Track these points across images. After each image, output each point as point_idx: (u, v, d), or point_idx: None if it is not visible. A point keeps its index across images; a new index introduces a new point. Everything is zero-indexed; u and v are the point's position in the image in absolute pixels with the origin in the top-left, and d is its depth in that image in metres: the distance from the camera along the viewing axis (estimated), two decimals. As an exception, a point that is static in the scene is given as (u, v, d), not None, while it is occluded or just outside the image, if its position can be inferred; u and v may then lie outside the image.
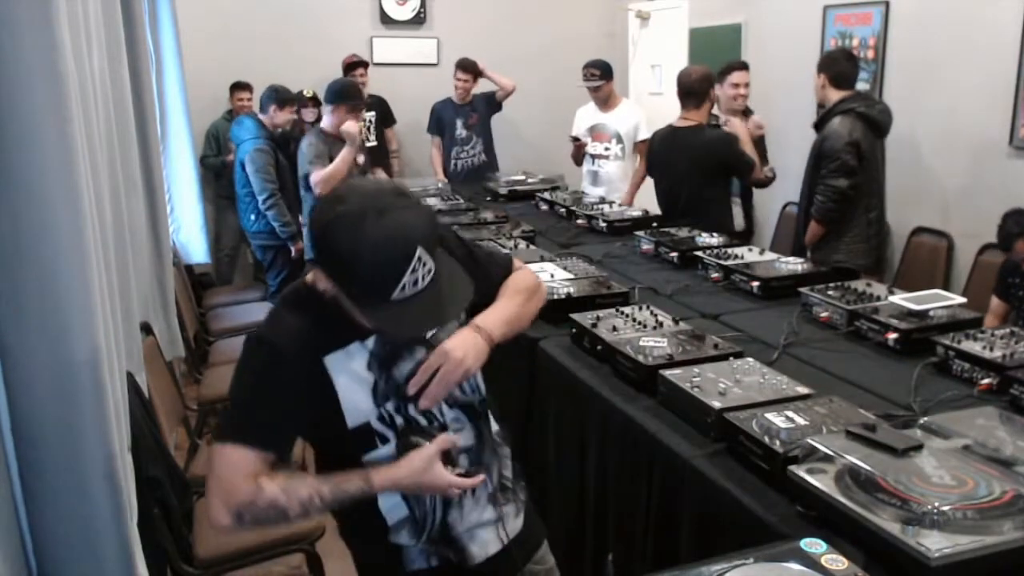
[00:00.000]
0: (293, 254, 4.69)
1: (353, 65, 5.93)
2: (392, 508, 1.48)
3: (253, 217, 4.70)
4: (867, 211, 3.71)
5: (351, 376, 1.41)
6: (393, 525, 1.49)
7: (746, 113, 4.23)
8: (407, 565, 1.51)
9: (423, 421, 1.47)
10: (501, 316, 1.52)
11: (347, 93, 4.24)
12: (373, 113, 6.08)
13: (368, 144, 5.79)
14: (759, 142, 4.10)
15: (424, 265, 1.28)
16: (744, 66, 4.21)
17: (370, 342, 1.42)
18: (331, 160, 4.05)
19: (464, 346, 1.42)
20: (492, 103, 5.70)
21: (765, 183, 4.14)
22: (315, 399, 1.39)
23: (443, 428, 1.48)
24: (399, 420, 1.45)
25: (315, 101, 5.56)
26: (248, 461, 1.35)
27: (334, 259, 1.29)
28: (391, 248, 1.25)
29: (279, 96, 4.80)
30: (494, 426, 1.61)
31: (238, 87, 5.83)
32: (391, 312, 1.29)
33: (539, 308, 1.66)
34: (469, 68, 5.58)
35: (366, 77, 5.91)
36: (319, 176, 4.01)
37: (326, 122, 4.25)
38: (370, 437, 1.44)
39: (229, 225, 5.85)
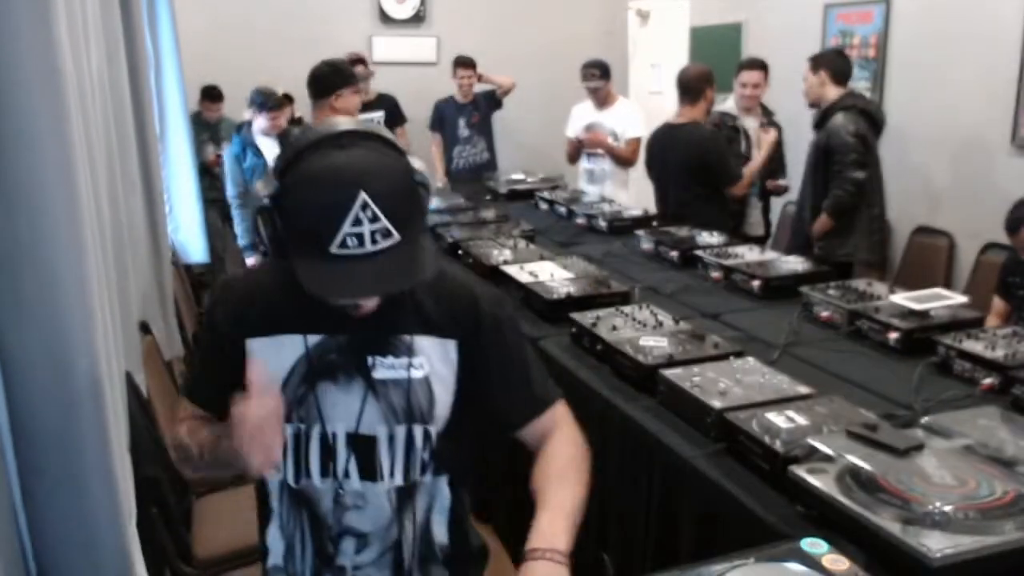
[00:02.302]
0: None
1: (352, 64, 5.86)
2: (273, 540, 1.36)
3: None
4: (870, 206, 3.75)
5: (268, 369, 1.25)
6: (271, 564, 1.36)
7: (766, 114, 4.23)
8: None
9: (316, 470, 1.29)
10: (563, 521, 1.19)
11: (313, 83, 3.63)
12: (382, 112, 6.07)
13: None
14: (776, 153, 4.10)
15: (373, 220, 1.09)
16: (753, 65, 4.19)
17: (311, 340, 1.27)
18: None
19: None
20: (493, 101, 5.69)
21: (781, 191, 4.15)
22: (234, 374, 1.24)
23: (338, 494, 1.29)
24: (290, 447, 1.28)
25: (289, 99, 5.57)
26: (189, 410, 1.35)
27: (282, 192, 1.14)
28: (331, 185, 1.09)
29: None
30: (438, 534, 1.35)
31: (209, 96, 5.68)
32: (326, 268, 1.11)
33: (588, 470, 1.32)
34: (471, 64, 5.58)
35: (367, 71, 5.77)
36: None
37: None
38: None
39: None
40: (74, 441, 1.33)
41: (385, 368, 1.27)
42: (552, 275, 2.72)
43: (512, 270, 2.79)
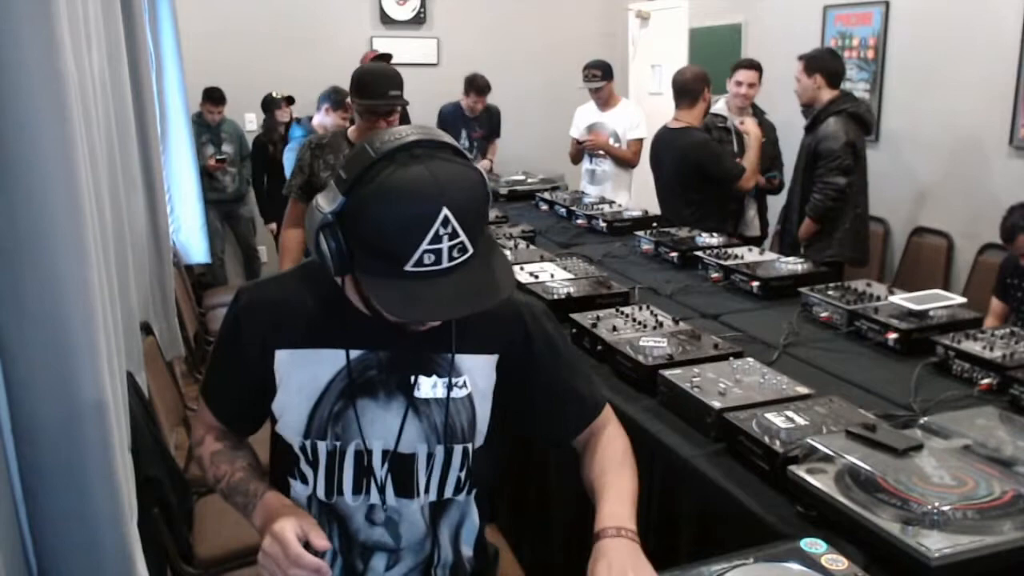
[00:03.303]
0: None
1: (377, 60, 5.77)
2: None
3: None
4: (855, 207, 3.78)
5: (299, 384, 1.22)
6: None
7: (756, 113, 4.24)
8: None
9: (349, 487, 1.24)
10: (629, 504, 1.23)
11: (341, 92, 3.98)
12: None
13: None
14: (770, 147, 4.11)
15: (453, 236, 1.03)
16: (748, 65, 4.21)
17: (355, 354, 1.22)
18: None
19: (632, 561, 1.13)
20: (495, 125, 5.69)
21: (775, 187, 4.15)
22: (257, 386, 1.24)
23: (371, 510, 1.25)
24: (323, 463, 1.23)
25: (289, 101, 5.57)
26: (206, 415, 1.33)
27: (351, 206, 1.07)
28: (412, 200, 1.02)
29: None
30: (465, 547, 1.33)
31: (211, 98, 5.66)
32: (401, 286, 1.05)
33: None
34: (485, 91, 5.47)
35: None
36: None
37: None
38: (291, 462, 1.25)
39: None
40: (75, 441, 1.34)
41: (428, 387, 1.23)
42: (552, 276, 2.73)
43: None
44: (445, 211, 1.02)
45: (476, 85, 5.48)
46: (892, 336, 2.14)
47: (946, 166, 4.29)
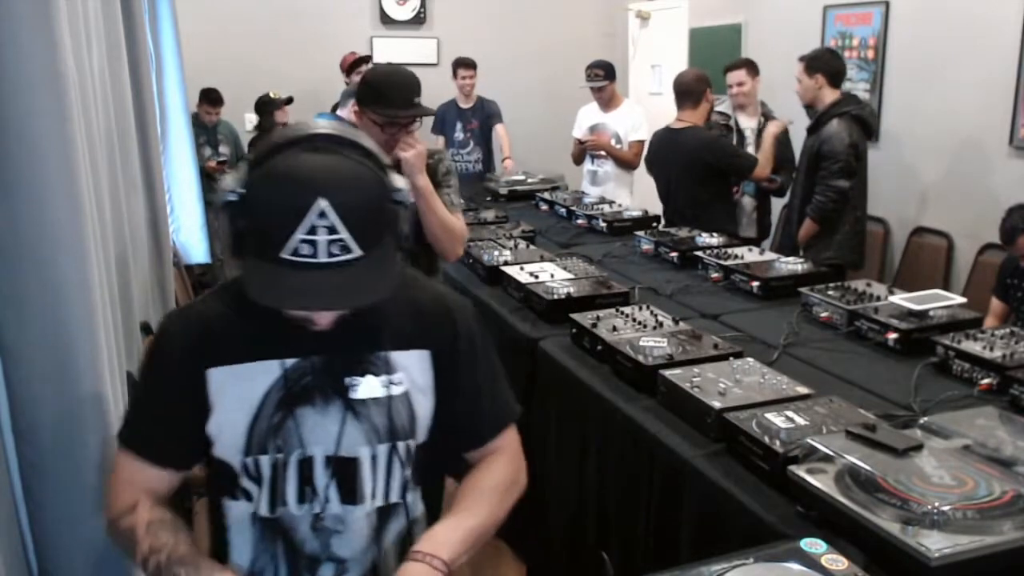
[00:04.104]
0: None
1: (357, 63, 5.75)
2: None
3: None
4: (855, 209, 3.78)
5: (235, 400, 1.19)
6: None
7: (764, 113, 4.24)
8: None
9: (293, 498, 1.21)
10: (459, 535, 1.19)
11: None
12: None
13: None
14: (781, 148, 4.12)
15: (331, 230, 1.03)
16: (735, 65, 4.23)
17: (289, 363, 1.19)
18: None
19: None
20: (492, 114, 5.70)
21: (775, 189, 4.15)
22: (191, 412, 1.19)
23: (316, 519, 1.22)
24: (267, 477, 1.20)
25: (288, 101, 5.57)
26: (131, 468, 1.21)
27: (246, 188, 1.10)
28: (290, 186, 1.04)
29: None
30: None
31: (208, 99, 5.64)
32: (275, 273, 1.06)
33: (513, 501, 1.32)
34: (471, 64, 5.58)
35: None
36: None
37: None
38: (231, 483, 1.21)
39: None
40: (75, 441, 1.34)
41: (364, 387, 1.22)
42: (552, 276, 2.73)
43: (512, 271, 2.80)
44: (322, 203, 1.03)
45: (462, 60, 5.56)
46: (892, 336, 2.14)
47: (946, 166, 4.29)
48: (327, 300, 1.09)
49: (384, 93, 2.25)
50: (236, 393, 1.19)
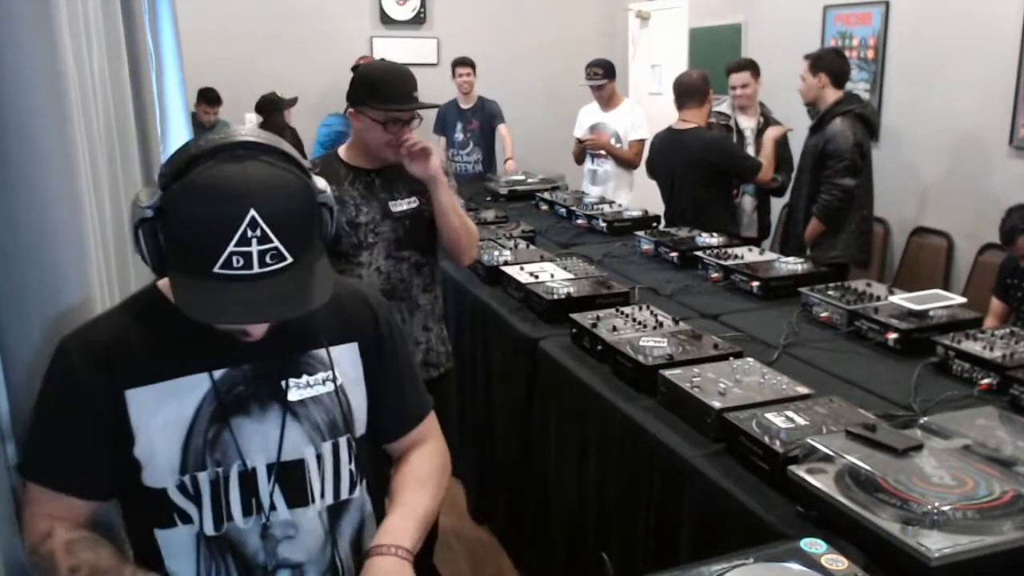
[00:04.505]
0: None
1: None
2: None
3: None
4: (861, 208, 3.78)
5: (163, 420, 1.13)
6: None
7: (763, 113, 4.25)
8: None
9: (238, 511, 1.16)
10: (412, 522, 1.22)
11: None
12: None
13: None
14: (780, 148, 4.12)
15: (263, 240, 1.00)
16: (738, 67, 4.22)
17: (218, 375, 1.15)
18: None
19: (387, 574, 1.14)
20: (494, 115, 5.71)
21: (776, 188, 4.15)
22: (109, 438, 1.12)
23: (265, 528, 1.18)
24: (207, 495, 1.14)
25: (293, 102, 5.56)
26: (42, 499, 1.15)
27: (165, 202, 1.04)
28: (218, 199, 1.00)
29: None
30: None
31: (206, 99, 5.65)
32: (209, 288, 1.02)
33: (446, 484, 1.36)
34: (469, 62, 5.60)
35: None
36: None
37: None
38: (164, 510, 1.15)
39: None
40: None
41: (300, 388, 1.20)
42: (552, 276, 2.73)
43: (512, 271, 2.80)
44: (252, 212, 1.00)
45: (460, 59, 5.59)
46: (892, 336, 2.14)
47: (946, 166, 4.29)
48: (268, 312, 1.06)
49: (382, 89, 2.15)
50: (163, 413, 1.13)
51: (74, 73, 1.37)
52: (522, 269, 2.81)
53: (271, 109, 5.61)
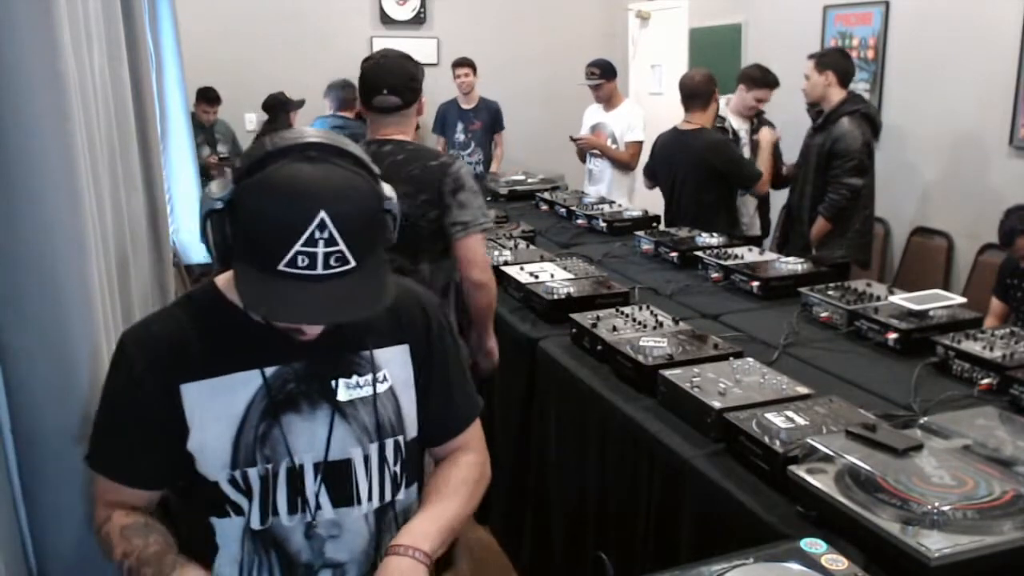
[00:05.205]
0: None
1: None
2: None
3: None
4: (864, 208, 3.78)
5: (215, 415, 1.15)
6: None
7: (757, 114, 4.22)
8: None
9: (284, 508, 1.19)
10: (437, 526, 1.21)
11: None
12: None
13: None
14: (775, 155, 4.11)
15: (330, 243, 1.01)
16: (776, 84, 4.10)
17: (269, 372, 1.17)
18: None
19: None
20: (496, 118, 5.70)
21: (782, 181, 4.14)
22: (166, 431, 1.16)
23: (309, 527, 1.20)
24: (256, 490, 1.17)
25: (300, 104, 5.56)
26: (104, 487, 1.20)
27: (237, 196, 1.06)
28: (290, 198, 1.01)
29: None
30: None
31: (206, 98, 5.64)
32: (272, 285, 1.03)
33: (481, 496, 1.34)
34: (468, 63, 5.60)
35: None
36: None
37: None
38: (218, 500, 1.18)
39: None
40: (76, 441, 1.34)
41: (350, 388, 1.21)
42: (552, 276, 2.73)
43: (512, 271, 2.80)
44: (323, 214, 1.00)
45: (461, 60, 5.59)
46: (892, 336, 2.14)
47: (946, 166, 4.29)
48: (328, 314, 1.07)
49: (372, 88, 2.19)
50: (216, 407, 1.16)
51: (74, 73, 1.37)
52: (522, 269, 2.81)
53: (278, 109, 5.60)
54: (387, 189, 1.15)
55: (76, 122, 1.35)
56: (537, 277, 2.72)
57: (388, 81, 2.21)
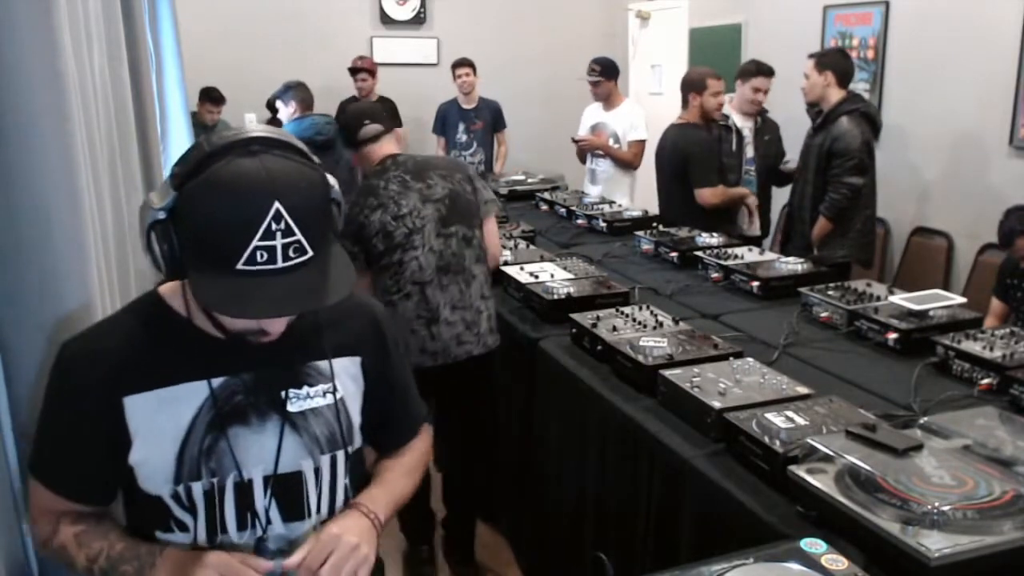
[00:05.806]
0: None
1: (353, 72, 5.70)
2: None
3: None
4: (866, 208, 3.77)
5: (160, 427, 1.12)
6: None
7: (760, 114, 4.23)
8: None
9: (233, 524, 1.15)
10: (391, 499, 1.26)
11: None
12: None
13: None
14: (774, 145, 4.10)
15: (287, 233, 0.99)
16: (770, 72, 4.13)
17: (216, 383, 1.13)
18: None
19: (359, 530, 1.16)
20: (497, 118, 5.70)
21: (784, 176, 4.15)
22: (109, 444, 1.12)
23: (260, 542, 1.16)
24: (201, 505, 1.13)
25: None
26: (45, 498, 1.16)
27: (181, 202, 1.02)
28: (240, 193, 0.98)
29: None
30: None
31: (210, 98, 5.66)
32: (232, 284, 0.99)
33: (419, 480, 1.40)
34: (468, 63, 5.60)
35: (369, 82, 5.70)
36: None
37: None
38: (163, 516, 1.14)
39: None
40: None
41: (300, 399, 1.18)
42: (552, 276, 2.73)
43: (512, 271, 2.80)
44: (277, 205, 0.98)
45: (461, 60, 5.59)
46: (892, 336, 2.14)
47: (946, 166, 4.29)
48: (294, 305, 1.04)
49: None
50: (161, 419, 1.12)
51: (74, 73, 1.37)
52: (522, 269, 2.81)
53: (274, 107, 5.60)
54: (331, 179, 1.13)
55: (76, 122, 1.35)
56: (537, 277, 2.72)
57: (366, 114, 2.55)
